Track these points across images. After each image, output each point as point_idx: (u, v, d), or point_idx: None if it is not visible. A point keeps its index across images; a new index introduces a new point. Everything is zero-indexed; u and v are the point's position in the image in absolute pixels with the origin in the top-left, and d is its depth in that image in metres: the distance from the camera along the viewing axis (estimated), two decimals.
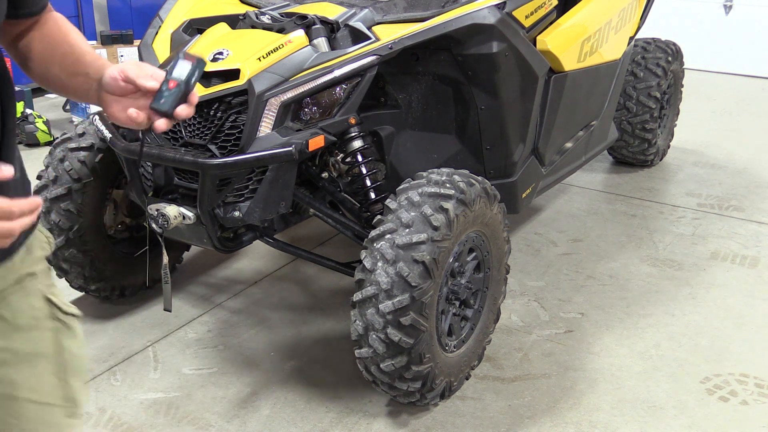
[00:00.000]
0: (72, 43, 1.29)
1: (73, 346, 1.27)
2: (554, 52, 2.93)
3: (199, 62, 1.25)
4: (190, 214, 2.38)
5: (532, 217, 3.87)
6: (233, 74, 2.34)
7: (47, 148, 4.44)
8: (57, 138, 2.84)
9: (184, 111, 1.22)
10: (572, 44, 3.07)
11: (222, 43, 2.44)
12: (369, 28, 2.50)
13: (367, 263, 2.24)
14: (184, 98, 1.22)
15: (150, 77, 1.21)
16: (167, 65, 1.22)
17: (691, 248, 3.56)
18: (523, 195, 3.02)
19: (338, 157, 2.70)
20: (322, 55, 2.42)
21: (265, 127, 2.32)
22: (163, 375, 2.65)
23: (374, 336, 2.22)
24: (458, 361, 2.48)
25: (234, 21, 2.65)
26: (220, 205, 2.39)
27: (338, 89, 2.44)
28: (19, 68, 1.33)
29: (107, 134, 2.49)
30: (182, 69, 1.23)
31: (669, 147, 4.58)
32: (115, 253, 2.91)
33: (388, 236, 2.24)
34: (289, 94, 2.33)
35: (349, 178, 2.67)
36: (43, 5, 1.29)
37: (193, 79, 1.24)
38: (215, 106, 2.34)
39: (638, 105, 4.13)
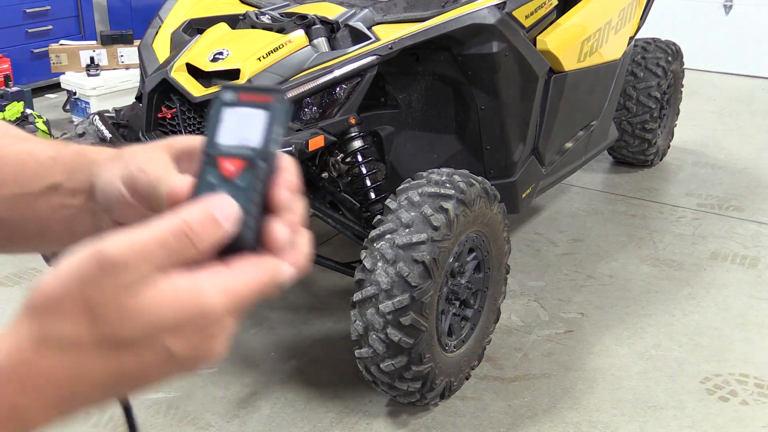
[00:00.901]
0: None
1: None
2: (554, 52, 2.93)
3: (278, 100, 0.55)
4: None
5: (532, 217, 3.87)
6: (233, 74, 2.34)
7: None
8: (57, 138, 2.84)
9: (281, 233, 0.53)
10: (572, 44, 3.07)
11: (222, 43, 2.44)
12: (369, 28, 2.50)
13: (367, 263, 2.24)
14: (262, 195, 0.53)
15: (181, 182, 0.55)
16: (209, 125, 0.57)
17: (691, 248, 3.56)
18: (523, 195, 3.02)
19: (338, 157, 2.70)
20: (322, 55, 2.42)
21: None
22: None
23: (374, 336, 2.22)
24: (458, 361, 2.48)
25: (234, 21, 2.65)
26: None
27: (338, 89, 2.44)
28: (19, 68, 1.23)
29: (107, 134, 2.49)
30: (246, 124, 0.54)
31: (669, 147, 4.58)
32: None
33: (388, 236, 2.24)
34: (289, 94, 2.33)
35: (349, 178, 2.67)
36: None
37: (273, 143, 0.54)
38: None
39: (638, 105, 4.13)
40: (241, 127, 0.55)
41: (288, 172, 0.56)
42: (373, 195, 2.60)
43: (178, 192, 0.54)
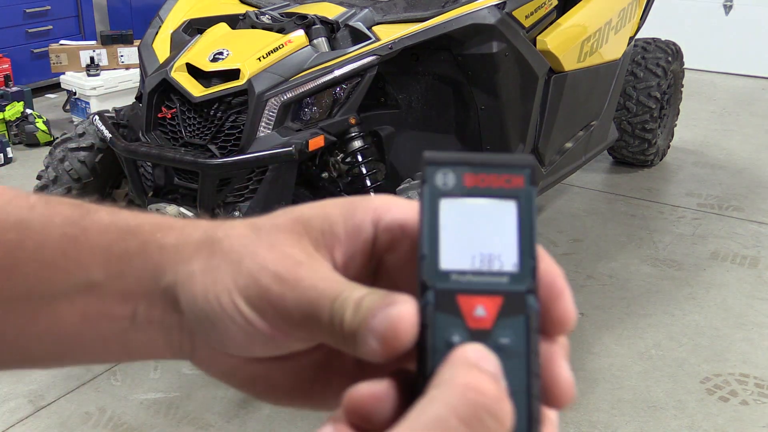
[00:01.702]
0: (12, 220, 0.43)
1: None
2: (554, 52, 2.93)
3: (528, 179, 0.35)
4: (190, 214, 2.39)
5: None
6: (233, 74, 2.34)
7: (47, 148, 4.43)
8: (57, 138, 2.84)
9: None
10: (572, 44, 3.07)
11: (222, 43, 2.44)
12: (369, 28, 2.50)
13: None
14: (539, 356, 0.34)
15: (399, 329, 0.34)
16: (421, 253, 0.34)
17: (691, 248, 3.56)
18: None
19: (338, 157, 2.70)
20: (322, 55, 2.42)
21: (265, 127, 2.32)
22: (163, 375, 2.65)
23: None
24: None
25: (234, 21, 2.65)
26: (220, 206, 2.39)
27: (338, 89, 2.45)
28: (19, 68, 1.17)
29: (107, 134, 2.49)
30: (488, 229, 0.34)
31: (669, 147, 4.58)
32: None
33: None
34: (289, 94, 2.34)
35: (349, 178, 2.67)
36: None
37: (536, 258, 0.35)
38: (215, 106, 2.34)
39: (638, 105, 4.13)
40: (481, 234, 0.34)
41: (563, 308, 0.35)
42: (373, 195, 2.60)
43: (404, 329, 0.33)
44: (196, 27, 2.71)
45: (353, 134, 2.54)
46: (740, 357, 2.77)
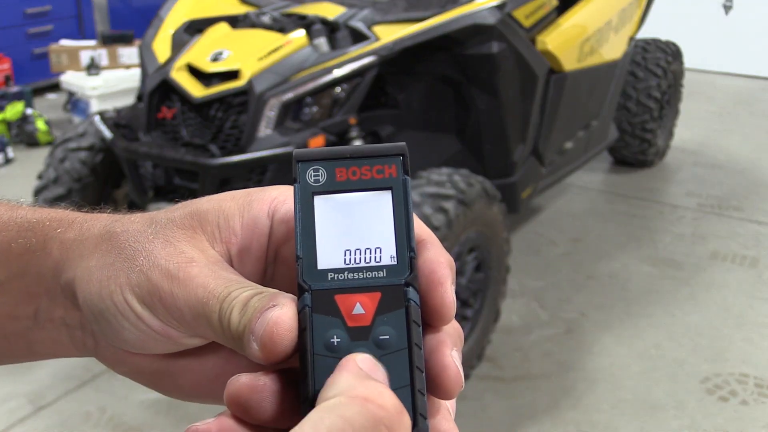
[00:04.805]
0: None
1: None
2: (554, 52, 2.94)
3: (400, 168, 0.34)
4: None
5: (532, 217, 3.87)
6: (233, 74, 2.34)
7: (48, 148, 4.43)
8: (57, 138, 2.84)
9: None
10: (572, 44, 3.07)
11: (222, 43, 2.44)
12: (369, 28, 2.50)
13: None
14: (422, 348, 0.34)
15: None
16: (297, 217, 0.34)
17: (691, 248, 3.56)
18: (523, 195, 3.02)
19: None
20: (322, 55, 2.42)
21: (266, 127, 2.32)
22: None
23: None
24: None
25: (234, 21, 2.66)
26: None
27: (338, 89, 2.45)
28: (19, 68, 1.19)
29: (107, 134, 2.49)
30: (362, 223, 0.34)
31: (669, 147, 4.58)
32: None
33: None
34: (290, 94, 2.34)
35: None
36: None
37: (415, 249, 0.34)
38: (215, 106, 2.34)
39: (638, 105, 4.13)
40: (357, 229, 0.33)
41: (441, 294, 0.33)
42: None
43: (280, 334, 0.32)
44: (196, 27, 2.71)
45: (353, 134, 2.54)
46: (740, 357, 2.77)
